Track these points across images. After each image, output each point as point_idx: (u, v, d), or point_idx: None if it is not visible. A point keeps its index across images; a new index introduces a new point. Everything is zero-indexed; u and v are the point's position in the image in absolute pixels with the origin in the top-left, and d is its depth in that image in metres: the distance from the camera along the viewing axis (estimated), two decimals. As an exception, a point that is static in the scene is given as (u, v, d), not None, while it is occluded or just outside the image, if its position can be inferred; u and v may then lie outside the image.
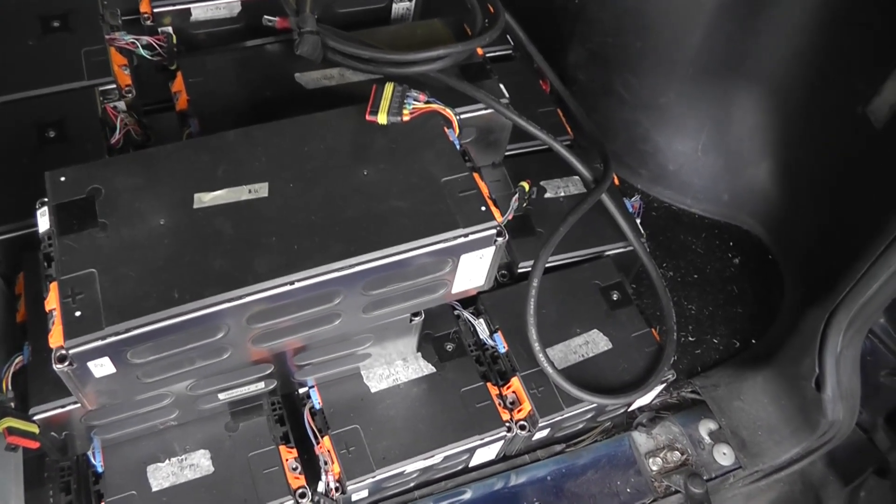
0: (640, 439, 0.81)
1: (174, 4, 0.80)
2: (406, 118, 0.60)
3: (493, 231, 0.57)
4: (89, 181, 0.56)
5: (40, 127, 0.71)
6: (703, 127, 0.93)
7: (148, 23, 0.81)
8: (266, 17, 0.78)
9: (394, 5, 0.87)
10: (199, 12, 0.81)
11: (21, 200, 0.59)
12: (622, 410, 0.80)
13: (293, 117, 0.61)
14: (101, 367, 0.50)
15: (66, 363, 0.48)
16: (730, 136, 0.93)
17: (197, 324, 0.51)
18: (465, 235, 0.56)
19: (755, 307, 0.92)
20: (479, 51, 0.80)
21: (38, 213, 0.55)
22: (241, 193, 0.56)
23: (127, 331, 0.49)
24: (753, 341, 0.90)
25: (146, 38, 0.79)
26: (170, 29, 0.81)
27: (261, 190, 0.56)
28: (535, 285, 0.71)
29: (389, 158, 0.59)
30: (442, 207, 0.57)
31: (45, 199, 0.55)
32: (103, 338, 0.48)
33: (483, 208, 0.57)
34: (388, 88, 0.61)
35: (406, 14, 0.89)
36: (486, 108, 0.76)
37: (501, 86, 0.78)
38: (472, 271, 0.61)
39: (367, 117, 0.60)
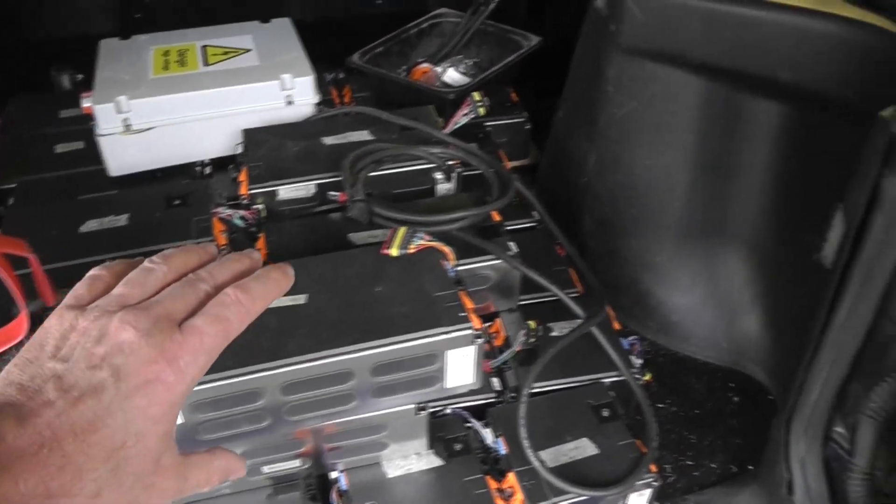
0: (633, 545, 0.92)
1: (265, 187, 1.06)
2: (412, 250, 0.81)
3: (470, 332, 0.75)
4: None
5: (156, 270, 0.96)
6: (697, 283, 1.08)
7: (245, 202, 1.07)
8: (330, 192, 1.03)
9: (437, 186, 1.09)
10: (284, 193, 1.06)
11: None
12: (617, 517, 0.91)
13: (332, 253, 0.83)
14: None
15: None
16: (721, 290, 1.08)
17: (242, 387, 0.70)
18: (447, 332, 0.74)
19: (754, 439, 1.02)
20: (497, 216, 1.01)
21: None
22: (285, 301, 0.76)
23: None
24: (751, 467, 1.00)
25: (241, 212, 1.05)
26: (261, 206, 1.06)
27: (300, 299, 0.76)
28: (525, 393, 0.87)
29: (397, 279, 0.79)
30: (431, 313, 0.75)
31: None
32: (176, 390, 0.68)
33: (462, 314, 0.75)
34: (401, 231, 0.82)
35: (448, 193, 1.11)
36: (496, 259, 0.96)
37: (511, 243, 0.98)
38: (460, 368, 0.78)
39: (383, 251, 0.81)
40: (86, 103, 1.16)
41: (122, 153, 1.18)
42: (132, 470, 0.43)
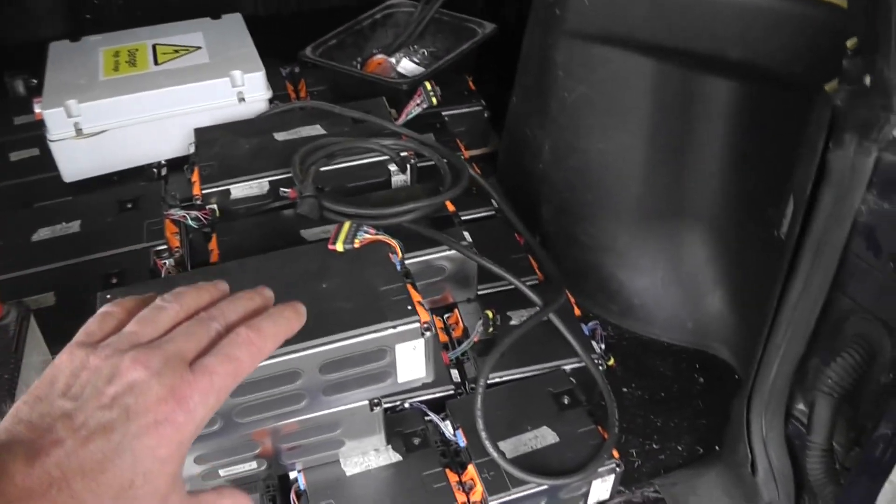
0: (599, 530, 0.91)
1: (217, 187, 1.04)
2: (357, 245, 0.80)
3: (417, 325, 0.74)
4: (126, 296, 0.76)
5: (106, 276, 0.95)
6: (659, 264, 1.08)
7: (198, 202, 1.05)
8: (281, 189, 1.01)
9: (392, 178, 1.08)
10: (236, 191, 1.05)
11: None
12: (580, 503, 0.91)
13: (278, 251, 0.82)
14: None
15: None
16: (683, 270, 1.07)
17: (186, 392, 0.69)
18: (394, 327, 0.73)
19: (721, 419, 1.02)
20: (451, 207, 1.00)
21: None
22: (229, 302, 0.75)
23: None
24: (717, 448, 1.00)
25: (195, 213, 1.03)
26: (215, 205, 1.04)
27: (244, 299, 0.75)
28: (481, 384, 0.86)
29: (343, 275, 0.78)
30: (377, 307, 0.74)
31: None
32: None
33: (409, 307, 0.74)
34: (346, 225, 0.81)
35: (404, 184, 1.09)
36: (450, 249, 0.95)
37: (465, 233, 0.97)
38: (412, 362, 0.77)
39: (329, 246, 0.80)
40: (38, 108, 1.14)
41: (76, 158, 1.17)
42: None
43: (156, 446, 0.44)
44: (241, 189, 1.05)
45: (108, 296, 0.77)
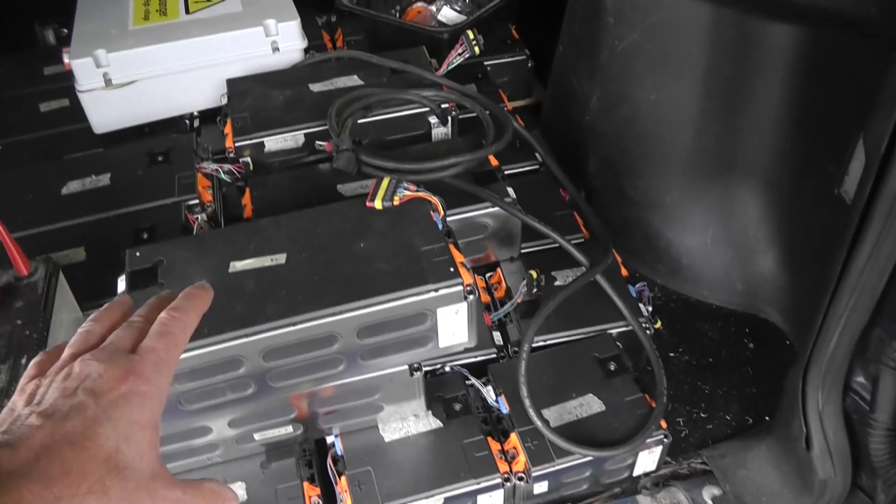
0: (645, 502, 0.88)
1: (251, 139, 1.01)
2: (396, 203, 0.76)
3: (460, 288, 0.70)
4: (155, 255, 0.74)
5: (137, 231, 0.92)
6: (709, 222, 1.02)
7: (231, 155, 1.01)
8: (317, 142, 0.97)
9: (433, 130, 1.04)
10: (271, 144, 1.01)
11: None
12: (626, 475, 0.87)
13: (313, 207, 0.78)
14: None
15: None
16: (735, 228, 1.02)
17: (220, 355, 0.66)
18: (436, 290, 0.69)
19: (770, 386, 0.98)
20: (494, 161, 0.96)
21: (119, 280, 0.73)
22: (264, 261, 0.72)
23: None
24: (767, 418, 0.96)
25: (227, 166, 1.00)
26: (248, 159, 1.01)
27: (279, 258, 0.72)
28: (525, 349, 0.82)
29: (382, 234, 0.74)
30: (417, 269, 0.70)
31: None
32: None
33: (452, 269, 0.70)
34: (385, 181, 0.77)
35: (445, 137, 1.05)
36: (493, 206, 0.90)
37: (509, 189, 0.92)
38: (454, 326, 0.73)
39: (367, 203, 0.76)
40: (66, 59, 1.11)
41: (105, 109, 1.14)
42: (131, 472, 0.45)
43: (130, 413, 0.45)
44: (276, 142, 1.01)
45: (138, 253, 0.75)
